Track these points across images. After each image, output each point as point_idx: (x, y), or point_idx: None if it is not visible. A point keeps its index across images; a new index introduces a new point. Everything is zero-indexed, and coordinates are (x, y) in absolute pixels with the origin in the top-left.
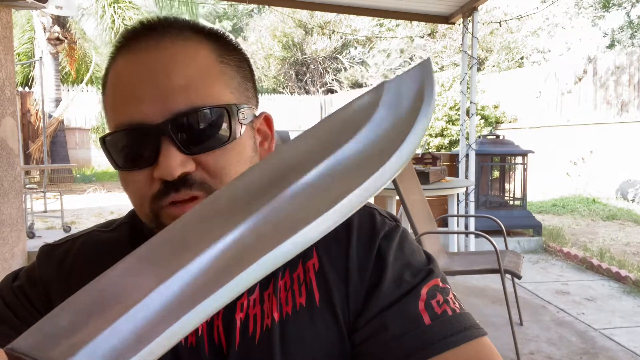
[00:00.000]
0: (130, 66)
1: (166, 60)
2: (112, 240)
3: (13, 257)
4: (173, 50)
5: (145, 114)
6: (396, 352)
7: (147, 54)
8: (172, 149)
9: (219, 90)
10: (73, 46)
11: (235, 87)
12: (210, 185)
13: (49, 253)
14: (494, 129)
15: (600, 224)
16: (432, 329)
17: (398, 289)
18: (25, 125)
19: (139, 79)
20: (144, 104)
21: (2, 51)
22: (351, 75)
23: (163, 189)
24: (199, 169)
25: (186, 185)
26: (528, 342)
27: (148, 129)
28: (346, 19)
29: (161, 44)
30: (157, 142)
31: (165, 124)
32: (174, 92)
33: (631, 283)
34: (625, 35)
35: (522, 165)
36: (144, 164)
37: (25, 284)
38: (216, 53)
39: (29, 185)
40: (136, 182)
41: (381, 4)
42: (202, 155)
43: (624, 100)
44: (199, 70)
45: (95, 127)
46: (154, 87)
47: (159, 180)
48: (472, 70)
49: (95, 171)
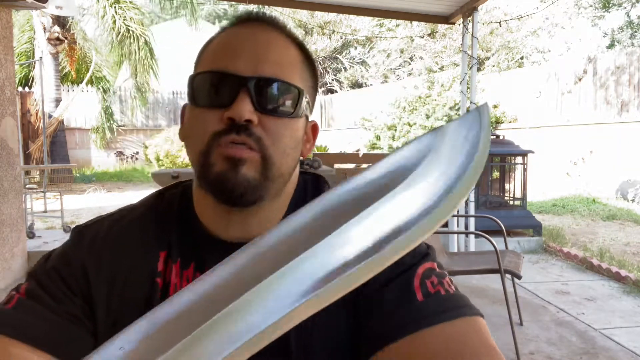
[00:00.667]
0: (240, 34)
1: (268, 39)
2: (138, 214)
3: (13, 257)
4: (275, 35)
5: (238, 67)
6: (391, 324)
7: (255, 30)
8: (247, 99)
9: (297, 79)
10: (73, 46)
11: (306, 87)
12: (265, 143)
13: (81, 233)
14: (494, 129)
15: (600, 224)
16: (424, 304)
17: (396, 268)
18: (25, 125)
19: (243, 42)
20: (240, 59)
21: (2, 51)
22: (351, 75)
23: (227, 128)
24: (259, 126)
25: (247, 133)
26: (528, 342)
27: (236, 77)
28: (346, 19)
29: (267, 30)
30: (237, 90)
31: (251, 79)
32: (266, 61)
33: (631, 283)
34: (625, 35)
35: (522, 165)
36: (220, 105)
37: (58, 265)
38: (302, 57)
39: (29, 185)
40: (205, 118)
41: (381, 4)
42: (266, 116)
43: (624, 100)
44: (288, 58)
45: (95, 127)
46: (253, 52)
47: (227, 120)
48: (472, 70)
49: (95, 171)
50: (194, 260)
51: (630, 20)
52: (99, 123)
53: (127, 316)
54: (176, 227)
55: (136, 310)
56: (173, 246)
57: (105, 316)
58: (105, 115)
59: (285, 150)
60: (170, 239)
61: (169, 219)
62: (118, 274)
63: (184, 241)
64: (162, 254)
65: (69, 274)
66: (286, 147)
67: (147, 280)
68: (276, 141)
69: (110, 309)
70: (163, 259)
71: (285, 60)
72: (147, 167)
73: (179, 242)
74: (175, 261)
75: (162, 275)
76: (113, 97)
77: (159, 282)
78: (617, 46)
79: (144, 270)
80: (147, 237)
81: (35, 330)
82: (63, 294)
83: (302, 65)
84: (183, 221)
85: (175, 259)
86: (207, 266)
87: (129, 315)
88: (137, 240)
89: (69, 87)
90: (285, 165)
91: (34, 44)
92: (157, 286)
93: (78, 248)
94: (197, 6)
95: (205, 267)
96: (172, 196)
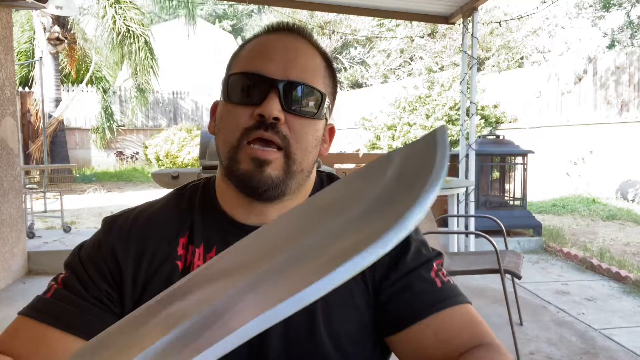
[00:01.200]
0: (272, 40)
1: (297, 47)
2: (162, 203)
3: (13, 257)
4: (303, 45)
5: (269, 70)
6: (417, 306)
7: (286, 38)
8: (276, 99)
9: (320, 84)
10: (73, 46)
11: (328, 92)
12: (289, 140)
13: (111, 222)
14: (494, 129)
15: (600, 224)
16: (443, 290)
17: (418, 259)
18: (25, 125)
19: (275, 48)
20: (272, 63)
21: (2, 51)
22: (351, 75)
23: (256, 124)
24: (285, 125)
25: (274, 130)
26: (528, 342)
27: (267, 79)
28: (346, 19)
29: (296, 38)
30: (268, 91)
31: (281, 82)
32: (295, 66)
33: (631, 283)
34: (625, 35)
35: (522, 166)
36: (251, 102)
37: (91, 251)
38: (325, 65)
39: (29, 185)
40: (237, 114)
41: (381, 4)
42: (293, 116)
43: (624, 100)
44: (314, 65)
45: (95, 127)
46: (284, 57)
47: (257, 117)
48: (472, 70)
49: (95, 171)
50: (217, 244)
51: (630, 21)
52: (99, 123)
53: (149, 294)
54: (198, 214)
55: (157, 289)
56: (195, 232)
57: (131, 297)
58: (105, 115)
59: (307, 148)
60: (191, 225)
61: (191, 208)
62: (143, 256)
63: (207, 227)
64: (182, 240)
65: (100, 258)
66: (308, 145)
67: (168, 263)
68: (299, 139)
69: (136, 289)
70: (182, 244)
71: (311, 67)
72: (147, 167)
73: (201, 228)
74: (198, 245)
75: (182, 259)
76: (113, 97)
77: (178, 264)
78: (617, 46)
79: (165, 254)
80: (169, 224)
81: (69, 317)
82: (94, 282)
83: (325, 72)
84: (206, 208)
85: (198, 243)
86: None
87: (151, 293)
88: (160, 227)
89: (69, 87)
90: (306, 162)
91: (34, 44)
92: (177, 268)
93: (108, 234)
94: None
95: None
96: (195, 187)
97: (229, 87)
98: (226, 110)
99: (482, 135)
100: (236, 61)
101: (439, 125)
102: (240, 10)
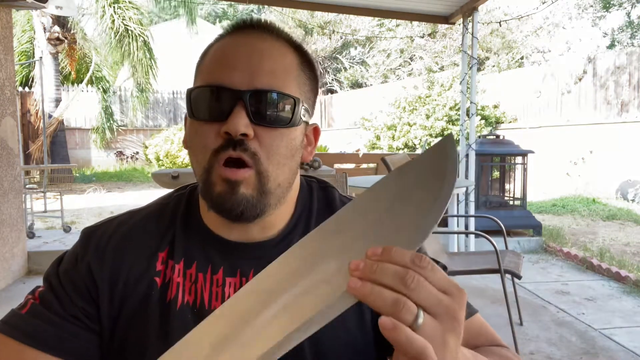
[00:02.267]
0: (235, 44)
1: (263, 48)
2: (142, 215)
3: (13, 257)
4: (270, 43)
5: (233, 81)
6: None
7: (250, 39)
8: (243, 113)
9: (293, 87)
10: (73, 46)
11: (304, 92)
12: (260, 157)
13: (89, 235)
14: (494, 129)
15: (600, 224)
16: None
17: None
18: (25, 125)
19: (238, 54)
20: (235, 72)
21: (2, 51)
22: (351, 75)
23: (224, 144)
24: (255, 139)
25: (241, 148)
26: (528, 342)
27: (231, 91)
28: (346, 19)
29: (262, 37)
30: (233, 104)
31: (246, 92)
32: (261, 72)
33: (631, 283)
34: (625, 35)
35: (522, 165)
36: (216, 119)
37: (68, 266)
38: (298, 61)
39: (29, 185)
40: (205, 133)
41: (381, 4)
42: (263, 128)
43: (624, 100)
44: (283, 66)
45: (95, 127)
46: (248, 64)
47: (224, 135)
48: (472, 70)
49: (95, 171)
50: (197, 259)
51: (630, 21)
52: (99, 123)
53: (125, 314)
54: (180, 229)
55: (133, 308)
56: (176, 247)
57: (108, 314)
58: (105, 115)
59: (280, 162)
60: (172, 239)
61: (173, 220)
62: (119, 274)
63: (188, 242)
64: (161, 255)
65: (77, 274)
66: (281, 158)
67: (145, 280)
68: (271, 154)
69: (113, 307)
70: (162, 259)
71: (280, 69)
72: (147, 167)
73: (182, 243)
74: (178, 261)
75: (160, 275)
76: (113, 97)
77: (157, 281)
78: (617, 46)
79: (142, 271)
80: (148, 238)
81: (44, 335)
82: (71, 298)
83: (299, 70)
84: (188, 223)
85: (178, 259)
86: (210, 263)
87: (127, 313)
88: (138, 242)
89: (69, 87)
90: (282, 176)
91: (34, 44)
92: (156, 285)
93: (85, 249)
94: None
95: (208, 265)
96: (180, 197)
97: (192, 102)
98: (193, 128)
99: (482, 135)
100: (199, 72)
101: (441, 127)
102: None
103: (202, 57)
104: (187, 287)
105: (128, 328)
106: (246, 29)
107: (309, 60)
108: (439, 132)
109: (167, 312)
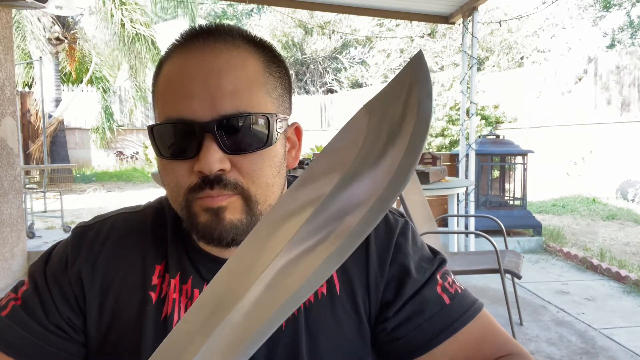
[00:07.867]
0: (186, 65)
1: (219, 64)
2: (137, 221)
3: (13, 257)
4: (227, 55)
5: (194, 111)
6: (426, 335)
7: (202, 55)
8: (214, 146)
9: (262, 99)
10: (73, 46)
11: (276, 97)
12: (243, 185)
13: (80, 235)
14: (494, 129)
15: (600, 224)
16: (452, 307)
17: (422, 277)
18: (25, 125)
19: (192, 77)
20: (194, 101)
21: (2, 51)
22: (351, 75)
23: (200, 184)
24: (234, 169)
25: (220, 185)
26: (528, 342)
27: (195, 125)
28: (346, 19)
29: (216, 49)
30: (201, 138)
31: (212, 123)
32: (223, 95)
33: (631, 283)
34: (625, 35)
35: (522, 165)
36: (186, 156)
37: (57, 269)
38: (263, 63)
39: (29, 185)
40: (176, 172)
41: (381, 4)
42: (239, 156)
43: (624, 100)
44: (247, 78)
45: (95, 127)
46: (206, 88)
47: (198, 173)
48: (472, 70)
49: (95, 171)
50: (192, 274)
51: (631, 20)
52: (99, 123)
53: (117, 329)
54: (173, 241)
55: (126, 323)
56: (170, 259)
57: (96, 327)
58: (105, 115)
59: (268, 182)
60: (166, 251)
61: (166, 231)
62: (112, 284)
63: (182, 255)
64: (158, 267)
65: (66, 280)
66: (268, 179)
67: (140, 294)
68: (256, 178)
69: (102, 321)
70: (158, 272)
71: (243, 85)
72: (147, 167)
73: (176, 256)
74: (174, 275)
75: (156, 289)
76: (113, 97)
77: (152, 295)
78: (617, 46)
79: (137, 283)
80: (144, 247)
81: (23, 344)
82: (56, 305)
83: (265, 74)
84: (181, 236)
85: (174, 273)
86: (205, 282)
87: (119, 329)
88: (134, 249)
89: (69, 87)
90: (272, 195)
91: (34, 44)
92: (150, 300)
93: (76, 253)
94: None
95: (204, 282)
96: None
97: (157, 140)
98: (162, 165)
99: (482, 135)
100: (155, 97)
101: (441, 126)
102: (240, 10)
103: (155, 75)
104: (183, 304)
105: (119, 341)
106: (196, 41)
107: (274, 56)
108: (439, 132)
109: (162, 330)
